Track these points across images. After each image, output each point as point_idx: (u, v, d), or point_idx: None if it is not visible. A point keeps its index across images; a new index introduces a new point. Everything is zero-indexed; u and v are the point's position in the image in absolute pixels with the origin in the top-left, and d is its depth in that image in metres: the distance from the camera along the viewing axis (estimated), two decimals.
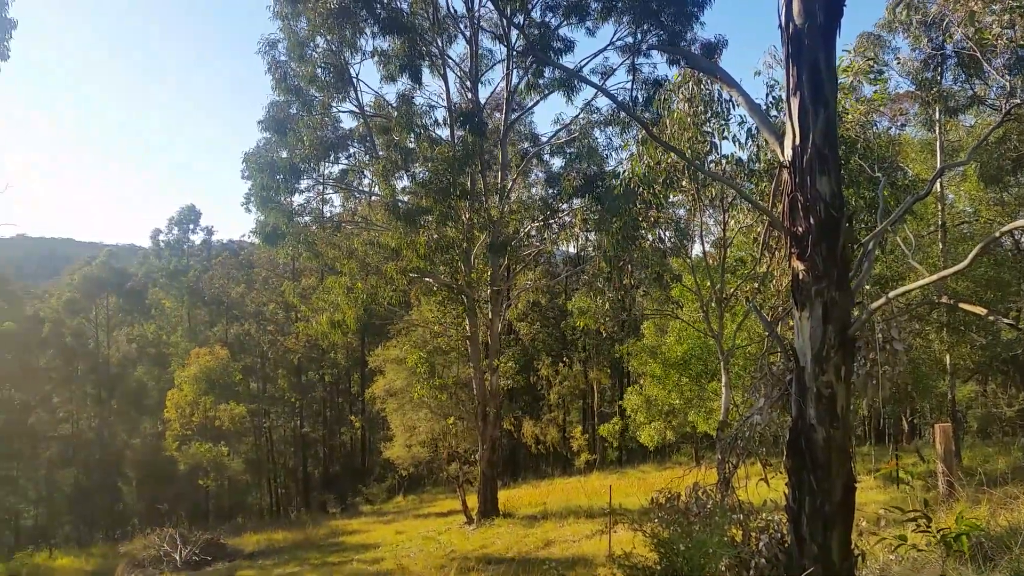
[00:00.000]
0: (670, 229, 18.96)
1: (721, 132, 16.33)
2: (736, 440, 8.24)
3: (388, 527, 29.77)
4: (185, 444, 37.65)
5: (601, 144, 26.88)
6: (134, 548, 28.74)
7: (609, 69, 26.32)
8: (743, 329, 21.10)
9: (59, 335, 44.83)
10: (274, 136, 24.92)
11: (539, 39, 24.46)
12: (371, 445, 48.24)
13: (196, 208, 58.75)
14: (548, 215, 26.27)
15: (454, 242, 24.08)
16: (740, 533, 7.61)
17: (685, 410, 28.56)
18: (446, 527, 25.84)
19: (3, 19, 24.82)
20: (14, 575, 27.90)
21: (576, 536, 20.35)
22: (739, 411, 18.83)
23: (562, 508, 24.97)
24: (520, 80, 26.54)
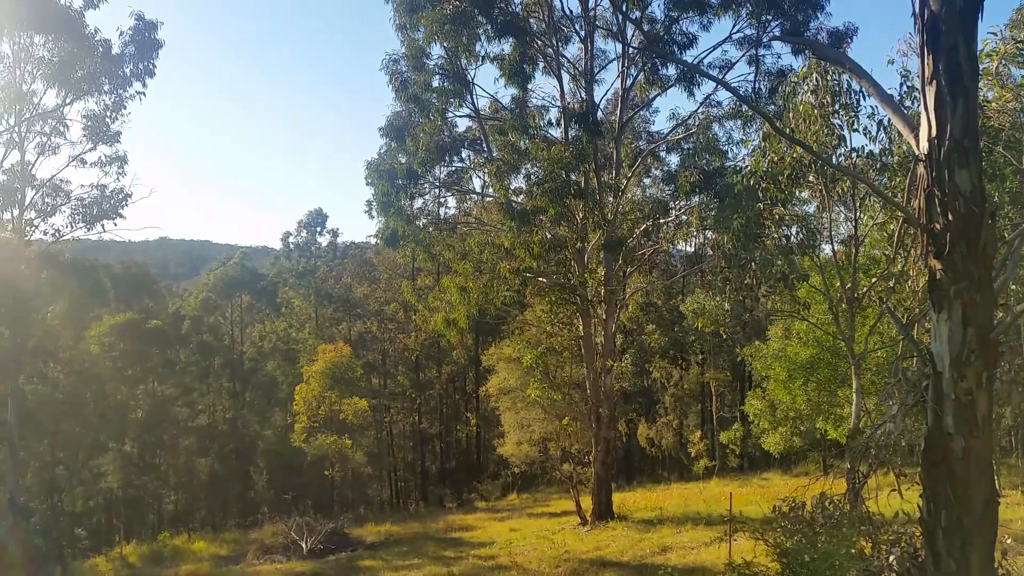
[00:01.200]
0: (796, 226, 18.20)
1: (850, 124, 15.57)
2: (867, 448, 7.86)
3: (502, 524, 30.03)
4: (312, 436, 39.27)
5: (721, 139, 26.15)
6: (263, 535, 30.13)
7: (729, 62, 25.56)
8: (875, 332, 20.03)
9: (198, 331, 47.91)
10: (393, 142, 25.87)
11: (658, 35, 24.10)
12: (485, 442, 48.90)
13: (323, 211, 61.45)
14: (664, 213, 25.82)
15: (567, 242, 24.05)
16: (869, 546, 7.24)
17: (812, 416, 27.38)
18: (560, 527, 25.80)
19: (151, 40, 26.91)
20: (157, 555, 29.87)
21: (694, 543, 19.86)
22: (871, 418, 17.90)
23: (679, 514, 24.44)
24: (636, 77, 26.24)
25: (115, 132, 27.07)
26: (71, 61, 25.18)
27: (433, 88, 25.00)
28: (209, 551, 30.36)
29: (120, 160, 27.61)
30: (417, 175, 25.69)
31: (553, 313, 26.66)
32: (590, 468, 25.97)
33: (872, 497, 7.75)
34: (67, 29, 24.72)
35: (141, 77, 26.61)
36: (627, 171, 26.78)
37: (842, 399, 25.44)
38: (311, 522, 28.97)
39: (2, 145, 25.37)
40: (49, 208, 26.51)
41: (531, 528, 27.06)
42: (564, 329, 26.51)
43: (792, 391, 27.64)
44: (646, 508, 26.49)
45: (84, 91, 26.08)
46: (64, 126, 26.73)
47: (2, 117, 25.80)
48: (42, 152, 26.41)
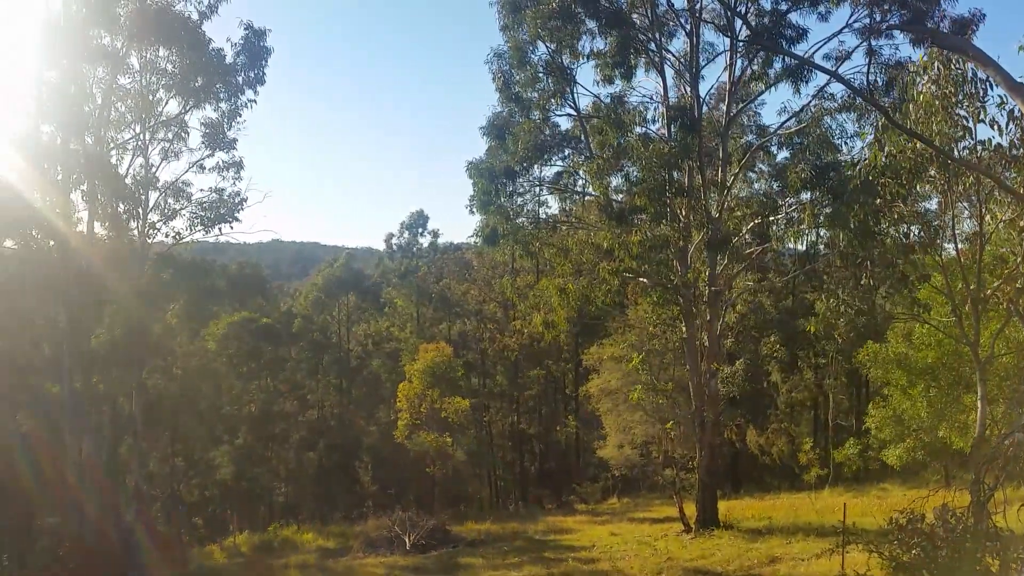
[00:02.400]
0: (916, 224, 17.09)
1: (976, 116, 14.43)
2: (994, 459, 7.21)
3: (602, 528, 29.65)
4: (414, 433, 39.95)
5: (834, 133, 24.94)
6: (368, 528, 30.80)
7: (844, 53, 24.33)
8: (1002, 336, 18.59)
9: (308, 330, 49.67)
10: (494, 142, 26.02)
11: (769, 28, 23.26)
12: (585, 444, 48.52)
13: (424, 213, 62.48)
14: (773, 210, 24.86)
15: (669, 241, 23.48)
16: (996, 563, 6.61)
17: (935, 425, 25.73)
18: (662, 533, 25.22)
19: (261, 48, 28.00)
20: (267, 545, 31.02)
21: (804, 554, 18.96)
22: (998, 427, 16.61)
23: (789, 523, 23.44)
24: (743, 72, 25.38)
25: (231, 139, 28.21)
26: (190, 71, 26.42)
27: (535, 87, 25.01)
28: (316, 543, 31.28)
29: (236, 165, 28.76)
30: (516, 174, 25.77)
31: (656, 314, 26.09)
32: (694, 474, 25.27)
33: (999, 512, 7.06)
34: (187, 40, 25.95)
35: (252, 85, 27.66)
36: (734, 167, 25.91)
37: (968, 405, 23.80)
38: (413, 518, 29.40)
39: (129, 151, 26.90)
40: (171, 212, 27.91)
41: (632, 533, 26.58)
42: (667, 330, 25.89)
43: (913, 397, 26.05)
44: (753, 517, 25.55)
45: (202, 99, 27.30)
46: (185, 133, 28.05)
47: (130, 125, 27.37)
48: (164, 158, 27.83)
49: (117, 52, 25.25)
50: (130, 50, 25.69)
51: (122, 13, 24.43)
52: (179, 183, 27.83)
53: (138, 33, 24.85)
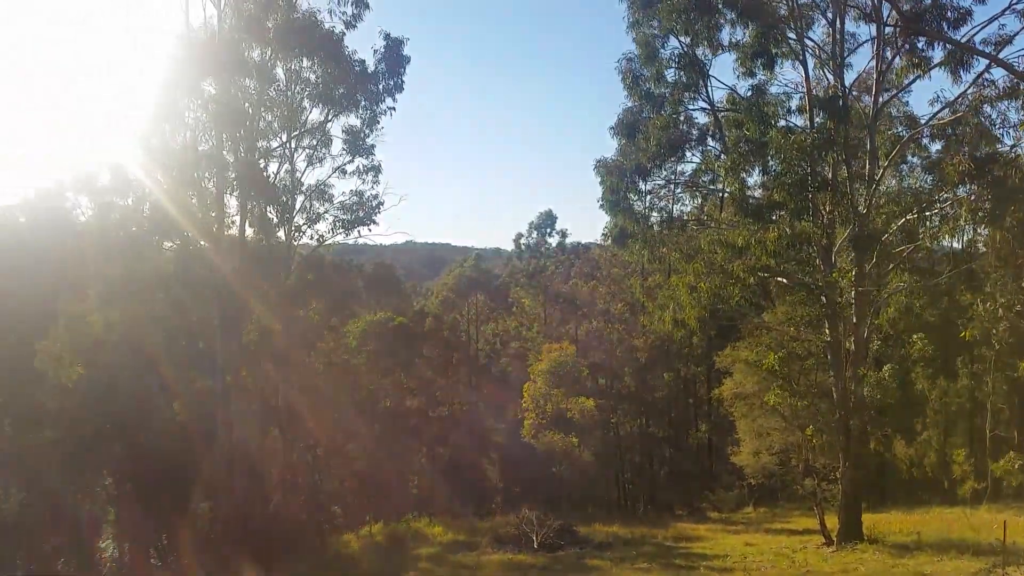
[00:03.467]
0: None
1: None
2: None
3: (736, 537, 28.68)
4: (540, 433, 40.08)
5: (996, 122, 22.98)
6: (496, 525, 31.19)
7: (1004, 38, 22.36)
8: None
9: (439, 329, 50.82)
10: (624, 140, 25.69)
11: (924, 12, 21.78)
12: (718, 449, 47.09)
13: (553, 213, 62.65)
14: (925, 206, 23.19)
15: (810, 238, 22.37)
16: None
17: None
18: (801, 545, 24.09)
19: (399, 56, 28.93)
20: (400, 536, 31.99)
21: (957, 573, 17.60)
22: None
23: (940, 540, 21.78)
24: (892, 60, 23.81)
25: (370, 144, 29.34)
26: (332, 81, 27.66)
27: (666, 81, 24.51)
28: (447, 536, 31.96)
29: (375, 170, 29.87)
30: (647, 171, 25.36)
31: (799, 315, 24.91)
32: (837, 485, 23.93)
33: None
34: (330, 52, 27.17)
35: (391, 93, 28.67)
36: (882, 160, 24.37)
37: None
38: (541, 517, 29.49)
39: (276, 159, 28.45)
40: (314, 216, 29.31)
41: (768, 544, 25.55)
42: (809, 332, 24.64)
43: None
44: (900, 531, 23.91)
45: (344, 108, 28.53)
46: (327, 140, 29.41)
47: (277, 134, 28.96)
48: (308, 164, 29.30)
49: (265, 64, 26.75)
50: (277, 62, 27.16)
51: (270, 27, 25.83)
52: (321, 187, 29.17)
53: (284, 46, 26.23)
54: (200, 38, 25.20)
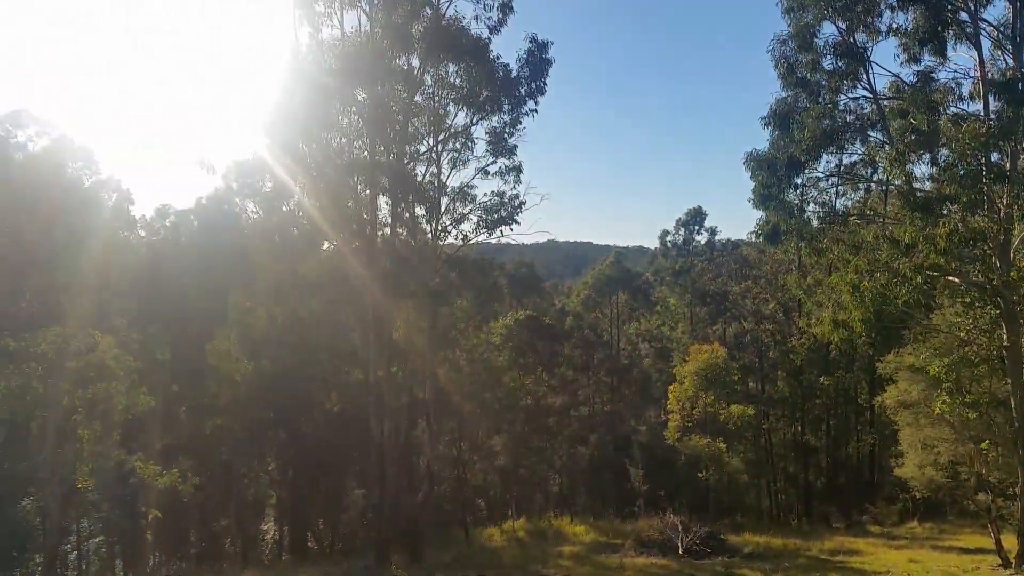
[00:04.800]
0: None
1: None
2: None
3: (899, 553, 26.78)
4: (685, 436, 39.12)
5: None
6: (639, 528, 30.73)
7: None
8: None
9: (579, 327, 50.77)
10: (776, 132, 24.61)
11: None
12: (880, 460, 44.15)
13: (702, 210, 60.88)
14: None
15: (985, 234, 20.44)
16: None
17: None
18: (973, 565, 22.15)
19: (543, 60, 29.09)
20: (541, 532, 32.18)
21: None
22: None
23: None
24: None
25: (512, 145, 29.63)
26: (477, 85, 28.17)
27: (823, 69, 23.18)
28: (588, 536, 31.85)
29: (516, 170, 30.15)
30: (801, 164, 24.09)
31: (972, 318, 22.85)
32: (1015, 502, 21.77)
33: None
34: (474, 57, 27.67)
35: (534, 96, 28.83)
36: None
37: None
38: (686, 522, 28.82)
39: (423, 161, 29.34)
40: (459, 216, 29.99)
41: (935, 562, 23.65)
42: (983, 337, 22.54)
43: None
44: None
45: (488, 111, 28.97)
46: (471, 143, 29.99)
47: (424, 138, 29.89)
48: (453, 166, 29.98)
49: (413, 71, 27.63)
50: (424, 69, 27.98)
51: (416, 35, 26.63)
52: (465, 189, 29.79)
53: (431, 53, 26.96)
54: (352, 48, 26.34)
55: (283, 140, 25.94)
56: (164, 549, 39.30)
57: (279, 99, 26.01)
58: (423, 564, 25.42)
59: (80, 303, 25.37)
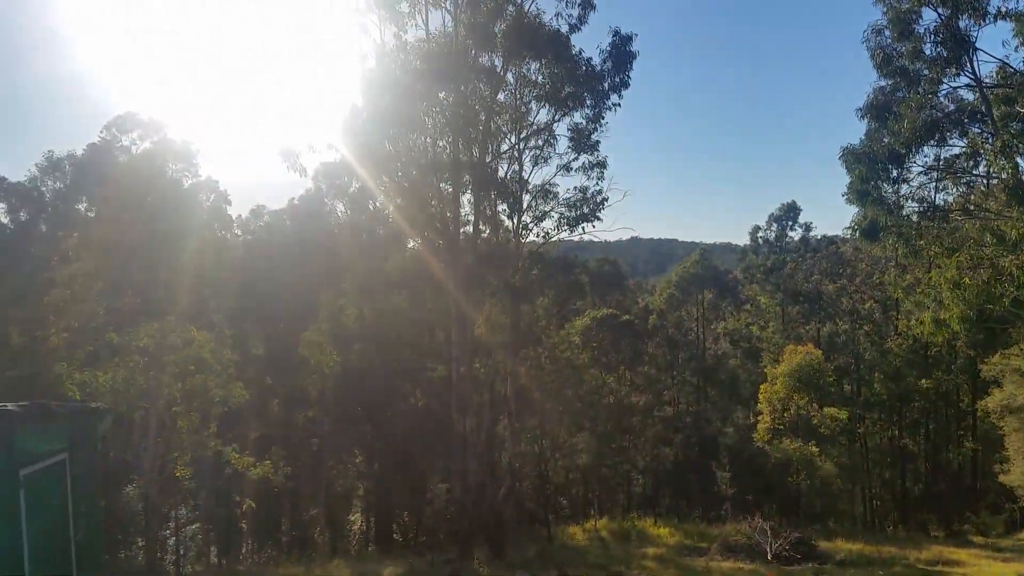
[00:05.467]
0: None
1: None
2: None
3: (1004, 566, 25.32)
4: (775, 439, 38.03)
5: None
6: (726, 532, 30.07)
7: None
8: None
9: (663, 326, 50.00)
10: (873, 123, 23.63)
11: None
12: (983, 467, 41.82)
13: (796, 205, 58.75)
14: None
15: None
16: None
17: None
18: None
19: (626, 53, 28.74)
20: (624, 533, 31.86)
21: None
22: None
23: None
24: None
25: (595, 141, 29.42)
26: (559, 81, 28.08)
27: (923, 58, 22.04)
28: (673, 539, 31.35)
29: (599, 166, 29.91)
30: (900, 157, 22.99)
31: None
32: None
33: None
34: (556, 53, 27.59)
35: (617, 90, 28.52)
36: None
37: None
38: (775, 527, 28.07)
39: (505, 159, 29.44)
40: (540, 213, 29.96)
41: None
42: None
43: None
44: None
45: (570, 107, 28.85)
46: (553, 139, 29.91)
47: (507, 136, 29.98)
48: (535, 164, 29.97)
49: (495, 70, 27.74)
50: (507, 66, 28.07)
51: (498, 33, 26.73)
52: (547, 186, 29.75)
53: (513, 50, 27.01)
54: (436, 48, 26.65)
55: (368, 141, 26.49)
56: (256, 537, 40.82)
57: (365, 101, 26.58)
58: (505, 560, 25.55)
59: (179, 299, 26.58)
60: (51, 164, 44.07)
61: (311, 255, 37.81)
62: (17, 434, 7.52)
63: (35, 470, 7.87)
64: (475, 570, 23.30)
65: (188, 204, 33.81)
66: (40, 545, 7.75)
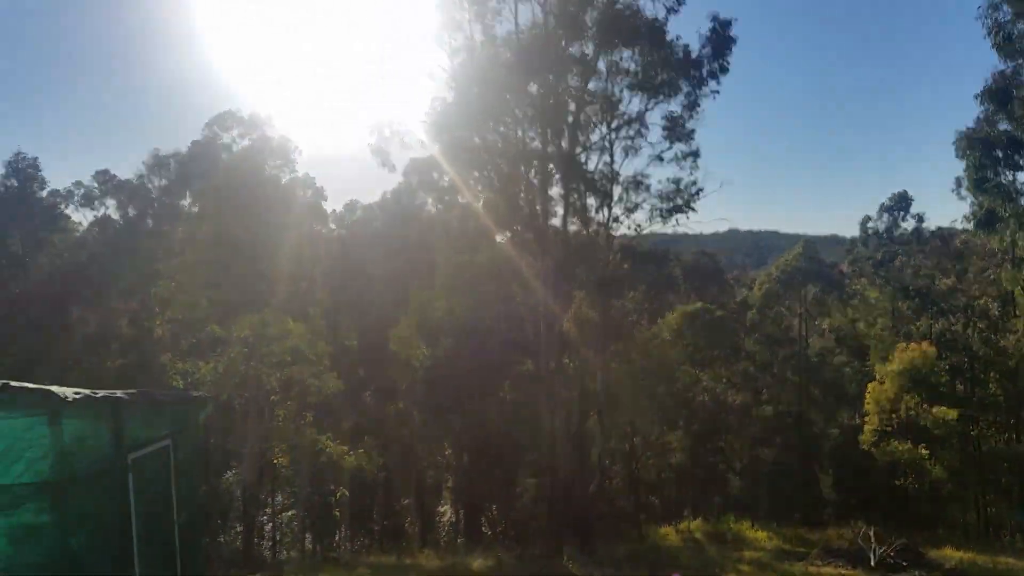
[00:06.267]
0: None
1: None
2: None
3: None
4: (883, 441, 36.13)
5: None
6: (828, 536, 28.83)
7: None
8: None
9: (762, 322, 48.24)
10: (993, 108, 22.07)
11: None
12: None
13: (908, 195, 55.38)
14: None
15: None
16: None
17: None
18: None
19: (725, 38, 27.73)
20: (719, 535, 30.90)
21: None
22: None
23: None
24: None
25: (689, 130, 28.51)
26: (653, 69, 27.34)
27: None
28: (771, 543, 30.25)
29: (693, 155, 28.96)
30: (1021, 144, 21.38)
31: None
32: None
33: None
34: (650, 40, 26.85)
35: (715, 76, 27.58)
36: None
37: None
38: (880, 533, 26.71)
39: (595, 151, 28.88)
40: (632, 205, 29.27)
41: None
42: None
43: None
44: None
45: (664, 95, 28.07)
46: (645, 129, 29.11)
47: (597, 126, 29.41)
48: (627, 154, 29.27)
49: (586, 59, 27.24)
50: (598, 55, 27.52)
51: (589, 22, 26.23)
52: (638, 177, 29.04)
53: (604, 39, 26.46)
54: (526, 40, 26.37)
55: (458, 135, 26.51)
56: (350, 525, 41.82)
57: (455, 95, 26.59)
58: (595, 557, 25.14)
59: (277, 292, 27.33)
60: (157, 162, 46.41)
61: (402, 249, 38.35)
62: (126, 421, 7.80)
63: (142, 455, 8.22)
64: (564, 566, 22.99)
65: (286, 200, 34.80)
66: (146, 526, 8.06)
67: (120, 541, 7.55)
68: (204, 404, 10.18)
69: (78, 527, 6.87)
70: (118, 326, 39.07)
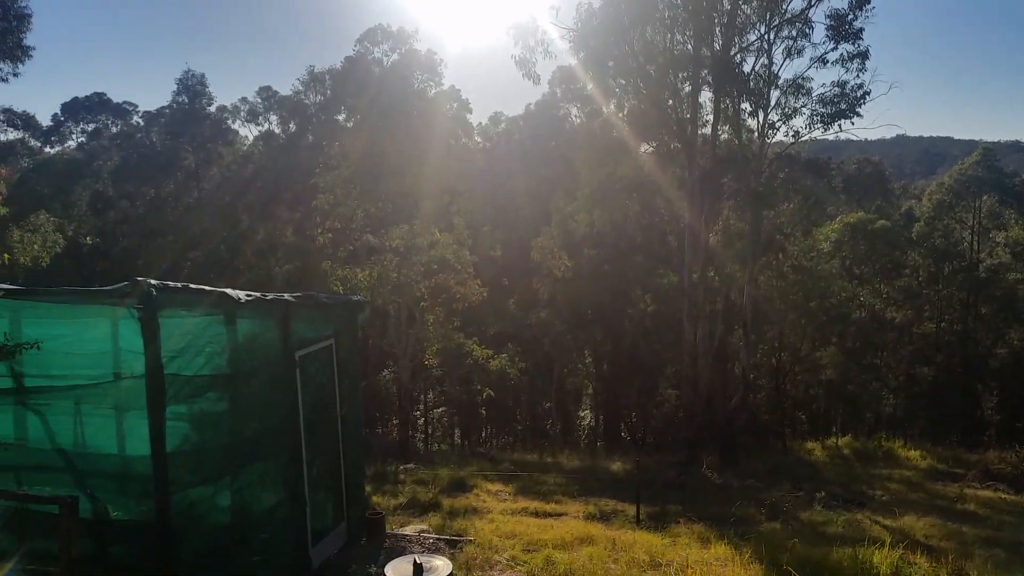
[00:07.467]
0: None
1: None
2: None
3: None
4: None
5: None
6: (988, 459, 27.33)
7: None
8: None
9: (930, 234, 44.88)
10: None
11: None
12: None
13: None
14: None
15: None
16: None
17: None
18: None
19: None
20: (868, 453, 29.96)
21: None
22: None
23: None
24: None
25: (857, 29, 26.34)
26: None
27: None
28: (924, 462, 29.09)
29: (861, 56, 26.82)
30: None
31: None
32: None
33: None
34: None
35: None
36: None
37: None
38: None
39: (752, 53, 27.29)
40: (790, 111, 27.63)
41: None
42: None
43: None
44: None
45: None
46: (808, 28, 27.12)
47: (754, 26, 27.65)
48: (787, 56, 27.43)
49: None
50: None
51: None
52: (799, 80, 27.32)
53: None
54: None
55: (604, 41, 25.75)
56: (495, 424, 43.83)
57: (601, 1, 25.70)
58: (736, 469, 25.18)
59: (425, 204, 28.25)
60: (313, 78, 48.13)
61: (545, 161, 38.31)
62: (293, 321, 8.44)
63: (307, 352, 8.85)
64: (704, 475, 23.19)
65: (433, 113, 35.39)
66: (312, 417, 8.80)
67: (289, 429, 8.32)
68: (362, 307, 10.72)
69: (251, 416, 7.65)
70: (284, 235, 41.77)
